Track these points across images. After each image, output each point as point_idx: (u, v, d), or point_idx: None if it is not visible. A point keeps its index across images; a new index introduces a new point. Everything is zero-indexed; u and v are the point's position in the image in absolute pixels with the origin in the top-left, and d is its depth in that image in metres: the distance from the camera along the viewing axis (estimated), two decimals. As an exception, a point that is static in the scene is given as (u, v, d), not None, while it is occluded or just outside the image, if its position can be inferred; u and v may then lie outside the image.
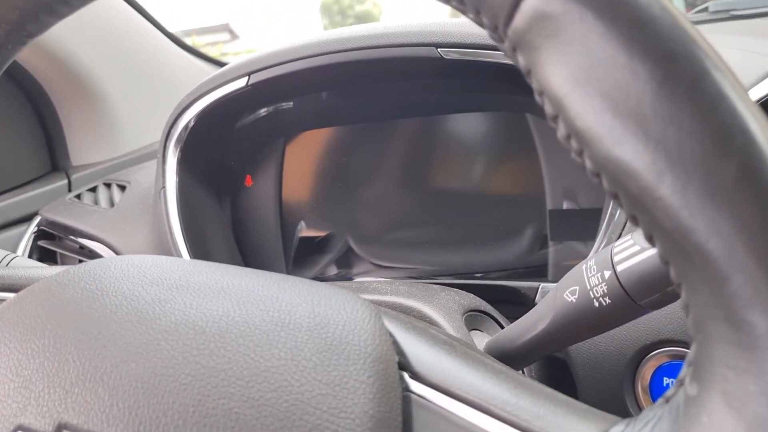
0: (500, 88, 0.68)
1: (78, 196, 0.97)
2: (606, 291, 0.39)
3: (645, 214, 0.21)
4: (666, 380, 0.48)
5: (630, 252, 0.38)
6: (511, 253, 0.71)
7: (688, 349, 0.48)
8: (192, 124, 0.70)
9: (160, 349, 0.31)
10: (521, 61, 0.24)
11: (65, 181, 1.06)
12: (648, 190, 0.20)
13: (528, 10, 0.22)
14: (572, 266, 0.66)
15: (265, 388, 0.29)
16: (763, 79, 0.59)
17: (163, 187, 0.74)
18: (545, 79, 0.23)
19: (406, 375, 0.31)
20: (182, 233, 0.71)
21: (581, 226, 0.66)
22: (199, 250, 0.73)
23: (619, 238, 0.55)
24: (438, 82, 0.71)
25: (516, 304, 0.60)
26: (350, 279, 0.77)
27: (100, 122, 1.10)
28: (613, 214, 0.56)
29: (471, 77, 0.66)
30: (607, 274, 0.39)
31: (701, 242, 0.19)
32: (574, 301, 0.41)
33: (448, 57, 0.58)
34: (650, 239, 0.22)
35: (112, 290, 0.36)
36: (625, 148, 0.21)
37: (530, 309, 0.60)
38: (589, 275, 0.40)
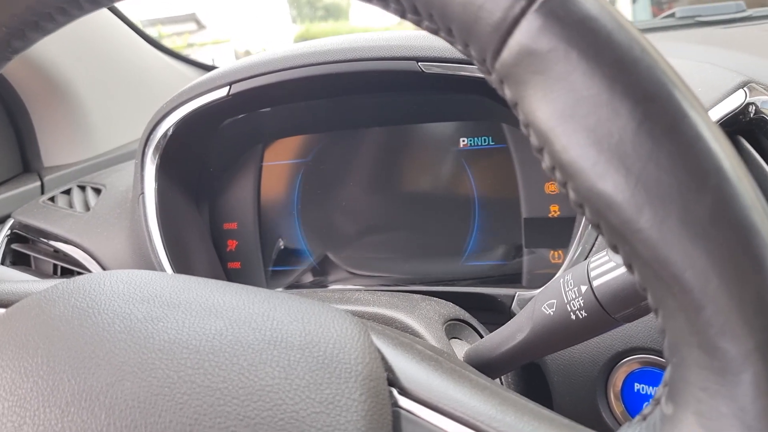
0: (476, 99, 0.70)
1: (52, 199, 0.96)
2: (582, 305, 0.41)
3: (625, 245, 0.22)
4: (637, 386, 0.51)
5: (605, 268, 0.40)
6: (485, 260, 0.72)
7: (657, 356, 0.51)
8: (171, 131, 0.70)
9: (154, 368, 0.32)
10: (508, 94, 0.25)
11: (38, 183, 1.04)
12: (628, 223, 0.22)
13: (515, 46, 0.23)
14: (546, 274, 0.69)
15: (260, 407, 0.30)
16: (730, 93, 0.61)
17: (142, 193, 0.73)
18: (531, 112, 0.24)
19: (395, 391, 0.32)
20: (161, 239, 0.71)
21: (555, 235, 0.69)
22: (179, 256, 0.73)
23: (592, 248, 0.57)
24: (415, 92, 0.72)
25: (492, 311, 0.62)
26: (325, 287, 0.78)
27: (72, 122, 1.08)
28: (587, 224, 0.58)
29: (448, 89, 0.67)
30: (584, 288, 0.41)
31: (677, 273, 0.21)
32: (552, 313, 0.42)
33: (429, 71, 0.59)
34: (629, 267, 0.23)
35: (104, 307, 0.36)
36: (608, 182, 0.22)
37: (507, 316, 0.62)
38: (566, 289, 0.42)
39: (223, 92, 0.66)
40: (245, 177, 0.80)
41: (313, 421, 0.29)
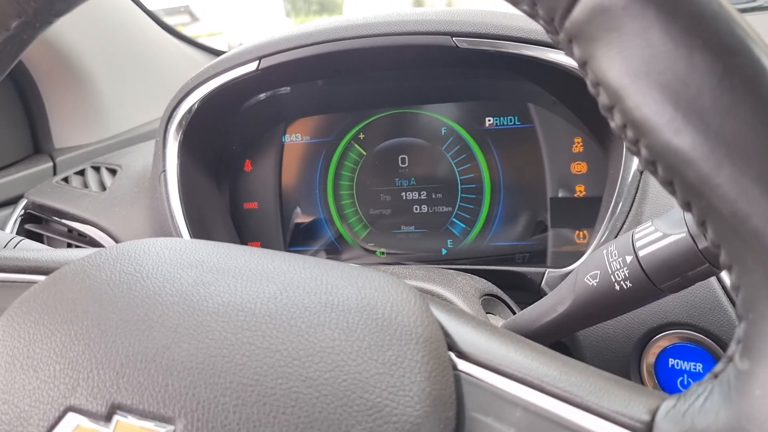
0: (505, 77, 0.70)
1: (65, 179, 0.95)
2: (627, 275, 0.40)
3: (701, 200, 0.22)
4: (671, 361, 0.51)
5: (652, 238, 0.40)
6: (510, 240, 0.72)
7: (693, 331, 0.51)
8: (196, 107, 0.69)
9: (210, 330, 0.32)
10: (577, 53, 0.25)
11: (50, 164, 1.03)
12: (706, 178, 0.21)
13: (589, 3, 0.23)
14: (571, 253, 0.69)
15: (322, 368, 0.29)
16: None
17: (164, 170, 0.73)
18: (603, 71, 0.24)
19: (452, 355, 0.32)
20: (184, 217, 0.71)
21: (580, 215, 0.68)
22: (200, 234, 0.72)
23: (622, 227, 0.57)
24: (444, 70, 0.72)
25: (520, 290, 0.62)
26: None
27: (85, 104, 1.07)
28: (617, 203, 0.58)
29: (480, 65, 0.67)
30: (629, 258, 0.40)
31: (758, 227, 0.21)
32: (595, 284, 0.42)
33: (462, 46, 0.59)
34: (702, 224, 0.23)
35: (152, 272, 0.36)
36: (685, 138, 0.22)
37: (535, 294, 0.62)
38: (611, 260, 0.41)
39: (252, 66, 0.65)
40: (266, 156, 0.79)
41: (377, 382, 0.29)
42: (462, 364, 0.31)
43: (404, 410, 0.28)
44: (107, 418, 0.30)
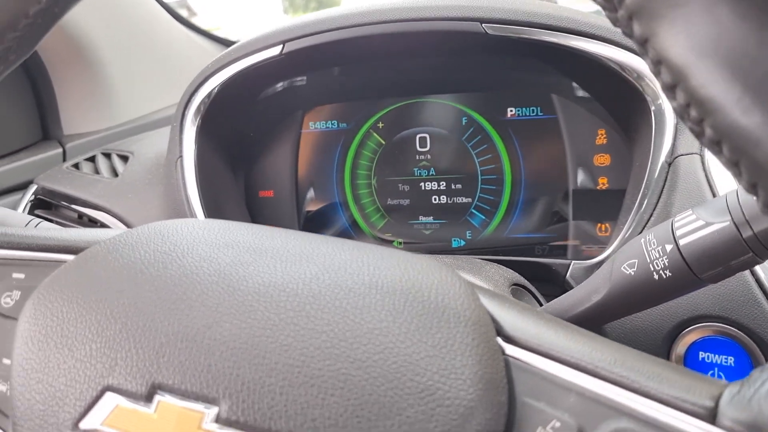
0: (528, 67, 0.69)
1: (76, 166, 0.94)
2: (667, 264, 0.40)
3: None
4: (702, 354, 0.50)
5: (693, 226, 0.39)
6: (530, 232, 0.71)
7: (725, 324, 0.50)
8: (216, 92, 0.68)
9: (252, 310, 0.31)
10: (637, 30, 0.24)
11: (59, 150, 1.02)
12: None
13: None
14: (592, 247, 0.68)
15: (370, 349, 0.29)
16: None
17: (180, 156, 0.72)
18: (666, 48, 0.23)
19: (499, 339, 0.31)
20: (201, 205, 0.70)
21: (602, 207, 0.68)
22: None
23: (649, 220, 0.56)
24: (465, 59, 0.71)
25: (544, 281, 0.61)
26: None
27: (95, 91, 1.06)
28: (644, 195, 0.57)
29: (508, 52, 0.66)
30: (669, 247, 0.40)
31: None
32: (633, 273, 0.41)
33: (492, 33, 0.58)
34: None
35: (187, 251, 0.35)
36: (754, 117, 0.21)
37: (560, 286, 0.62)
38: (649, 248, 0.41)
39: (275, 51, 0.64)
40: (283, 144, 0.78)
41: (427, 365, 0.28)
42: (510, 349, 0.30)
43: (457, 393, 0.27)
44: (148, 398, 0.29)
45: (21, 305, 0.37)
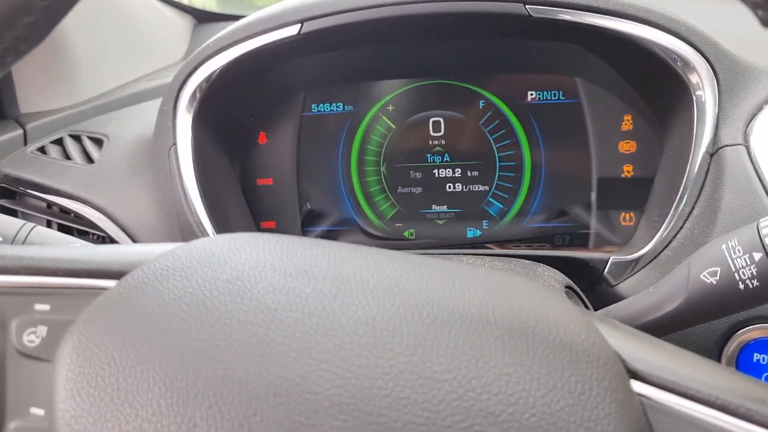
0: (552, 48, 0.65)
1: (41, 150, 0.85)
2: (755, 273, 0.37)
3: None
4: (756, 356, 0.49)
5: (785, 234, 0.37)
6: (550, 221, 0.69)
7: (782, 325, 0.49)
8: (216, 74, 0.62)
9: (354, 355, 0.26)
10: None
11: (20, 132, 0.92)
12: None
13: None
14: (615, 237, 0.66)
15: (503, 400, 0.25)
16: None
17: (174, 144, 0.65)
18: None
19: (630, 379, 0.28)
20: (200, 196, 0.64)
21: (628, 196, 0.66)
22: (217, 215, 0.65)
23: (691, 212, 0.54)
24: (482, 40, 0.66)
25: (580, 276, 0.58)
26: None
27: (54, 63, 0.96)
28: (686, 187, 0.55)
29: (536, 38, 0.62)
30: (758, 256, 0.37)
31: None
32: (715, 282, 0.39)
33: (536, 15, 0.54)
34: None
35: (257, 281, 0.30)
36: None
37: (596, 282, 0.59)
38: (734, 256, 0.38)
39: (292, 30, 0.58)
40: (284, 128, 0.72)
41: (569, 416, 0.25)
42: (638, 386, 0.27)
43: (609, 450, 0.24)
44: (241, 467, 0.25)
45: (51, 344, 0.32)
